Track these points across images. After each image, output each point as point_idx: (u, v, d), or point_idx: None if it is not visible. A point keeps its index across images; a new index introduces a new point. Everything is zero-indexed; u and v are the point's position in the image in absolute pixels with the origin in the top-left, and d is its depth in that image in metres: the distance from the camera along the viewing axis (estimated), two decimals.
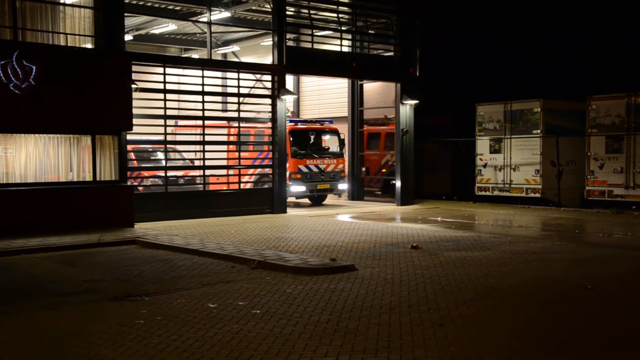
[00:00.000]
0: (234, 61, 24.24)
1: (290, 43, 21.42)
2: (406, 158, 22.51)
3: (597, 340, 7.11)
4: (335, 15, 22.42)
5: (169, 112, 18.32)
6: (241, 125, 19.98)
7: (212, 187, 19.92)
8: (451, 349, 6.69)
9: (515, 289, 9.47)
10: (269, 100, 19.99)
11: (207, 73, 19.04)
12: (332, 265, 10.94)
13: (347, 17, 22.99)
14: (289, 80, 23.74)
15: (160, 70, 18.04)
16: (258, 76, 20.74)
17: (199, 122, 19.17)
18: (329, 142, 22.95)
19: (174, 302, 8.73)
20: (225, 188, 19.88)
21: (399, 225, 16.97)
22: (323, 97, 25.90)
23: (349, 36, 23.10)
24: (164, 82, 17.97)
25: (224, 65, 21.95)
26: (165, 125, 18.11)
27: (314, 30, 21.79)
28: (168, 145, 18.91)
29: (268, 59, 20.95)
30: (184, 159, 21.45)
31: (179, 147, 20.70)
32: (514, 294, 9.20)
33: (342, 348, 6.70)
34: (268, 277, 10.32)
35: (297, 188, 21.38)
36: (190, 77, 18.92)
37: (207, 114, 19.10)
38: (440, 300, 8.69)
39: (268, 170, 20.17)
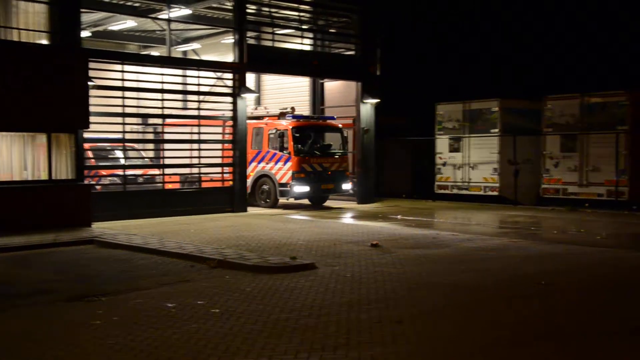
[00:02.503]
0: (194, 59, 24.04)
1: (251, 41, 21.33)
2: (367, 157, 22.63)
3: (553, 335, 7.26)
4: (296, 13, 22.43)
5: (127, 110, 18.09)
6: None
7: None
8: (409, 346, 6.75)
9: (472, 286, 9.61)
10: (229, 99, 19.87)
11: (166, 71, 18.84)
12: (292, 263, 10.94)
13: (308, 15, 23.01)
14: (250, 78, 23.64)
15: (119, 67, 17.79)
16: (219, 74, 20.61)
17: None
18: (332, 139, 21.61)
19: (131, 302, 8.62)
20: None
21: (359, 224, 17.06)
22: (284, 95, 25.83)
23: (310, 35, 23.12)
24: (122, 80, 17.72)
25: (184, 63, 21.75)
26: (124, 124, 17.87)
27: (275, 29, 21.74)
28: (127, 144, 18.66)
29: (229, 57, 20.81)
30: (143, 157, 21.22)
31: (137, 145, 20.45)
32: (472, 291, 9.33)
33: (301, 346, 6.71)
34: (228, 276, 10.27)
35: (300, 189, 20.05)
36: (150, 75, 18.69)
37: (166, 112, 18.91)
38: (399, 298, 8.76)
39: (228, 169, 20.00)
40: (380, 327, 7.36)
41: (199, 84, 19.52)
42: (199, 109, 19.61)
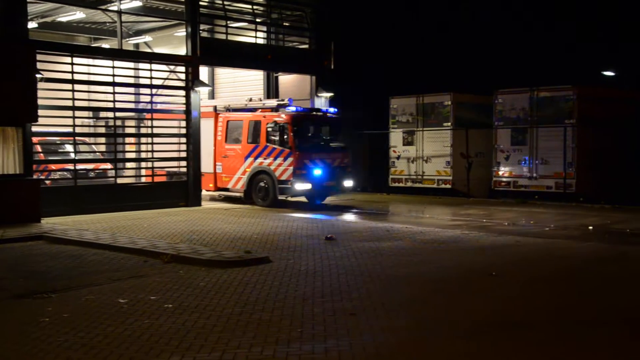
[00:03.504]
0: (146, 52, 23.66)
1: (204, 34, 21.11)
2: None
3: (503, 325, 7.43)
4: (249, 6, 22.29)
5: (78, 104, 17.71)
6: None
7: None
8: (362, 337, 6.82)
9: (425, 278, 9.75)
10: (182, 92, 19.65)
11: (118, 63, 18.50)
12: (246, 257, 10.92)
13: (262, 8, 22.90)
14: (204, 71, 23.41)
15: (68, 59, 17.40)
16: (171, 67, 20.34)
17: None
18: (333, 133, 20.25)
19: (82, 299, 8.48)
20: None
21: (314, 217, 17.10)
22: (238, 88, 25.66)
23: (264, 28, 23.02)
24: (72, 72, 17.34)
25: (136, 55, 21.39)
26: (74, 117, 17.50)
27: (228, 22, 21.57)
28: (77, 138, 18.28)
29: (182, 50, 20.56)
30: (94, 152, 20.85)
31: (89, 139, 20.05)
32: (424, 283, 9.47)
33: (255, 340, 6.71)
34: (181, 271, 10.19)
35: (301, 186, 18.59)
36: (101, 68, 18.33)
37: (118, 105, 18.59)
38: (353, 290, 8.84)
39: (183, 163, 19.78)
40: (334, 320, 7.41)
41: (151, 77, 19.23)
42: (151, 102, 19.33)
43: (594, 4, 32.12)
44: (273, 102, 20.23)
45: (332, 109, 20.54)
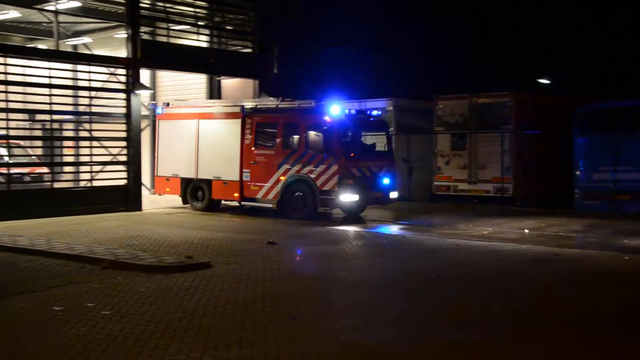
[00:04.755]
0: (84, 53, 23.13)
1: (145, 36, 20.78)
2: None
3: (442, 325, 7.57)
4: (192, 9, 22.08)
5: (12, 106, 17.17)
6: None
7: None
8: (302, 342, 6.83)
9: (367, 281, 9.85)
10: (123, 95, 19.29)
11: (54, 65, 18.03)
12: (187, 262, 10.80)
13: (204, 12, 22.72)
14: (145, 74, 23.04)
15: (1, 60, 16.86)
16: (111, 70, 19.95)
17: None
18: (379, 138, 18.82)
19: (15, 307, 8.22)
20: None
21: (257, 221, 17.03)
22: (181, 92, 25.34)
23: (207, 31, 22.84)
24: (5, 73, 16.81)
25: (73, 57, 20.87)
26: (8, 120, 16.95)
27: (170, 24, 21.32)
28: (12, 141, 17.73)
29: (122, 52, 20.19)
30: (30, 155, 20.23)
31: (25, 142, 19.45)
32: (366, 286, 9.56)
33: (194, 346, 6.64)
34: (120, 277, 9.99)
35: (348, 197, 16.55)
36: (37, 69, 17.82)
37: (55, 108, 18.10)
38: (295, 295, 8.85)
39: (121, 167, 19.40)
40: (274, 325, 7.40)
41: (90, 80, 18.81)
42: (90, 105, 18.90)
43: (530, 14, 33.17)
44: (310, 103, 18.21)
45: (375, 111, 19.01)
